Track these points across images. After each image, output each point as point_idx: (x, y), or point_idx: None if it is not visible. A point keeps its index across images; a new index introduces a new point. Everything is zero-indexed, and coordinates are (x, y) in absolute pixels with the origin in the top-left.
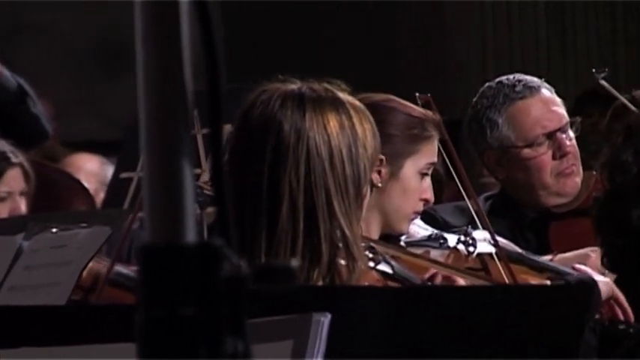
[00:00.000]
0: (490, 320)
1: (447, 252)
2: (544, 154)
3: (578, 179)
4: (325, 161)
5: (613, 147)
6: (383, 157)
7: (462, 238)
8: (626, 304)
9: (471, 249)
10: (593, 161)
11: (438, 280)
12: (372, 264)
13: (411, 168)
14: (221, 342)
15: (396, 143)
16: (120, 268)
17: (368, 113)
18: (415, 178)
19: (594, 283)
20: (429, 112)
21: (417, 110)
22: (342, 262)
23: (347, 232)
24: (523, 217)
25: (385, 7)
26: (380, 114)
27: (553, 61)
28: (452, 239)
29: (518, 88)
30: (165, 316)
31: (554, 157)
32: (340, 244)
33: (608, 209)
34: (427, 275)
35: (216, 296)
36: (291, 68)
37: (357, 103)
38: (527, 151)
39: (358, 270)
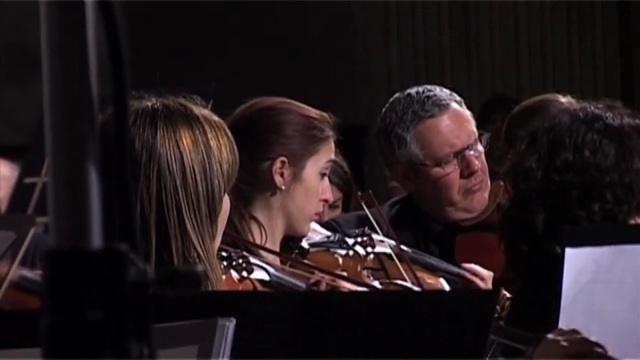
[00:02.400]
0: (394, 325)
1: (347, 252)
2: (452, 172)
3: (486, 194)
4: (177, 179)
5: (517, 153)
6: (285, 159)
7: (360, 239)
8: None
9: (370, 249)
10: (498, 167)
11: (323, 287)
12: (245, 274)
13: (312, 169)
14: (127, 347)
15: (295, 144)
16: (24, 272)
17: (225, 127)
18: (316, 178)
19: (498, 289)
20: (324, 113)
21: (313, 111)
22: None
23: (199, 249)
24: (429, 229)
25: (292, 11)
26: (277, 116)
27: (456, 65)
28: (351, 240)
29: (427, 107)
30: (70, 320)
31: (462, 176)
32: (192, 262)
33: (513, 215)
34: (312, 281)
35: (121, 301)
36: (199, 70)
37: (214, 118)
38: (435, 170)
39: (213, 285)
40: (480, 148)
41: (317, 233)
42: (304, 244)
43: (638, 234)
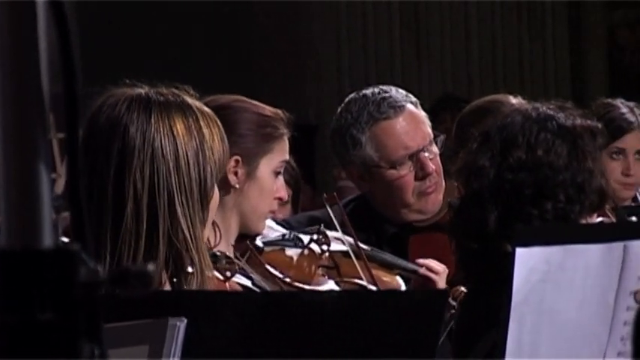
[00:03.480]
0: (349, 325)
1: (302, 250)
2: (407, 175)
3: (441, 196)
4: (170, 163)
5: (469, 152)
6: (239, 158)
7: (316, 237)
8: None
9: (325, 247)
10: (449, 166)
11: None
12: (228, 274)
13: (266, 167)
14: (78, 347)
15: (249, 143)
16: None
17: (216, 118)
18: (270, 177)
19: (448, 290)
20: (279, 111)
21: (267, 109)
22: (190, 269)
23: (187, 233)
24: (382, 231)
25: (241, 10)
26: (231, 115)
27: (407, 64)
28: (306, 238)
29: (382, 108)
30: (21, 321)
31: (416, 178)
32: (179, 246)
33: (465, 214)
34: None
35: (72, 301)
36: (150, 70)
37: (205, 108)
38: (390, 172)
39: (201, 273)
40: (435, 149)
41: (272, 231)
42: (259, 242)
43: (588, 234)
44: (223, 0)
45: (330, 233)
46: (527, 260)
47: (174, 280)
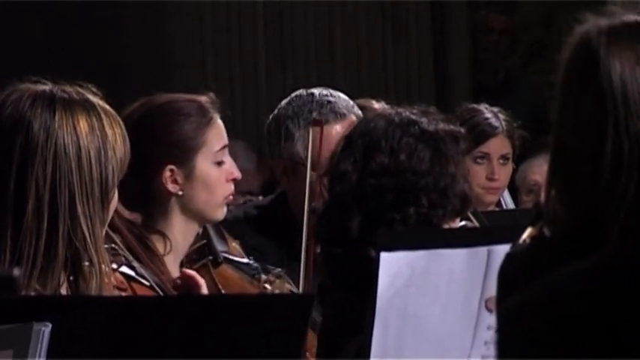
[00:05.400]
0: (216, 328)
1: (256, 285)
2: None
3: None
4: (72, 161)
5: (332, 156)
6: (173, 166)
7: (273, 279)
8: None
9: (276, 292)
10: None
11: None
12: (115, 265)
13: (204, 162)
14: None
15: (177, 147)
16: None
17: (118, 118)
18: (211, 169)
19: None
20: (203, 97)
21: (187, 100)
22: (87, 264)
23: (86, 233)
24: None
25: (108, 10)
26: (150, 126)
27: (272, 69)
28: (264, 277)
29: (324, 110)
30: None
31: None
32: (78, 245)
33: (328, 218)
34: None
35: None
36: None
37: (108, 107)
38: (311, 174)
39: (99, 272)
40: None
41: (242, 256)
42: (221, 255)
43: (452, 238)
44: (90, 0)
45: (287, 285)
46: (392, 265)
47: (71, 278)
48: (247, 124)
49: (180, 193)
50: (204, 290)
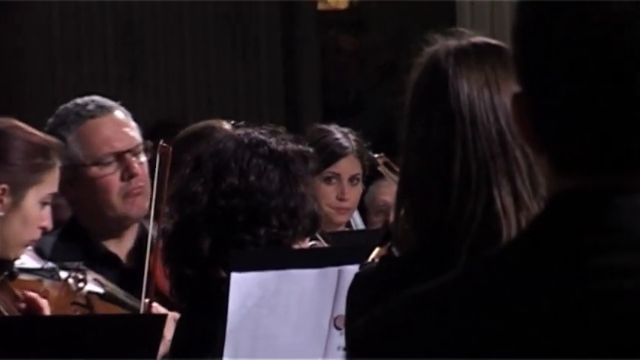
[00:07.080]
0: (69, 348)
1: (58, 283)
2: (111, 174)
3: (146, 201)
4: None
5: (181, 178)
6: (6, 186)
7: (74, 273)
8: None
9: (81, 285)
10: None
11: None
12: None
13: (33, 198)
14: None
15: (18, 173)
16: None
17: None
18: (36, 207)
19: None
20: (52, 140)
21: (40, 137)
22: None
23: None
24: (95, 248)
25: None
26: (3, 142)
27: (122, 87)
28: (64, 273)
29: (90, 107)
30: None
31: (122, 178)
32: None
33: (179, 240)
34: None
35: None
36: None
37: None
38: (94, 170)
39: None
40: (144, 159)
41: (32, 259)
42: (15, 268)
43: (302, 259)
44: None
45: (89, 274)
46: (242, 285)
47: None
48: None
49: (1, 214)
50: (47, 311)
